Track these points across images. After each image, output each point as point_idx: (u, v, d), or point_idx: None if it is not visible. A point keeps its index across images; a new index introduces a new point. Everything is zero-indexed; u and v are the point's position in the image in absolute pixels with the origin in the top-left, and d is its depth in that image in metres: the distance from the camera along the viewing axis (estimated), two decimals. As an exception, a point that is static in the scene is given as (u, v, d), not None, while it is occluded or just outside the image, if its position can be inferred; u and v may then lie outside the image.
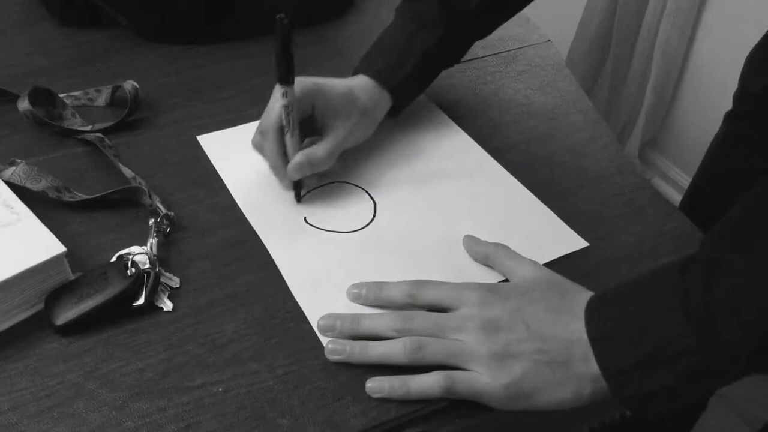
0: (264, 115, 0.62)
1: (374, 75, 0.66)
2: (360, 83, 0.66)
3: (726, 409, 1.26)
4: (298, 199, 0.62)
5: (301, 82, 0.61)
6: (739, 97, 0.84)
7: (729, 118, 0.86)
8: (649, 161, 1.78)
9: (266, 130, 0.61)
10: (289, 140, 0.60)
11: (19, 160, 0.60)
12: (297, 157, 0.60)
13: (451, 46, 0.70)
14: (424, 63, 0.68)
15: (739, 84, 0.84)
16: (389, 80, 0.67)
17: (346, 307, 0.53)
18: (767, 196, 0.45)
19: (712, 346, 0.43)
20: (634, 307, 0.46)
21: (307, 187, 0.64)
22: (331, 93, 0.63)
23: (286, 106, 0.58)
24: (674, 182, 1.70)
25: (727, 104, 0.87)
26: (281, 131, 0.60)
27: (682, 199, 0.97)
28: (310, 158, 0.60)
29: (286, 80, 0.57)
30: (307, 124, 0.63)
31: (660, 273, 0.47)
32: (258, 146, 0.63)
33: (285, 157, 0.61)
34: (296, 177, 0.61)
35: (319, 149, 0.61)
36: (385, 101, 0.67)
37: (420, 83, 0.71)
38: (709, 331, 0.43)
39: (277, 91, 0.58)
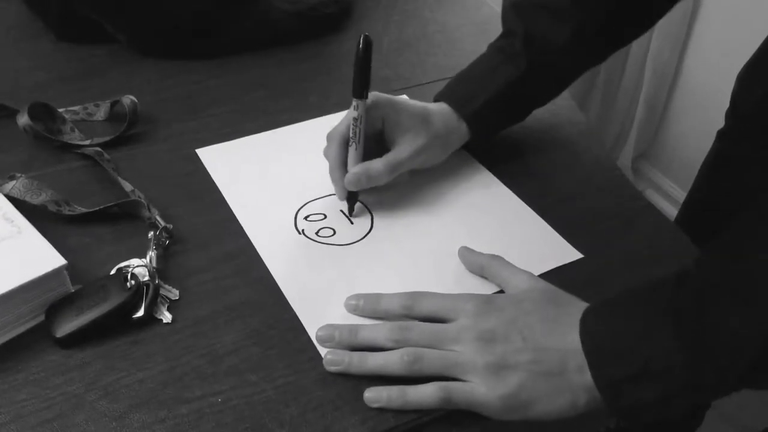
0: (337, 124, 0.63)
1: (451, 102, 0.66)
2: (437, 108, 0.66)
3: (719, 419, 1.26)
4: (350, 212, 0.63)
5: (375, 96, 0.61)
6: (731, 115, 0.85)
7: (721, 135, 0.87)
8: (641, 174, 1.79)
9: (331, 137, 0.63)
10: (352, 152, 0.61)
11: (18, 174, 0.61)
12: (355, 168, 0.61)
13: (538, 82, 0.68)
14: (505, 95, 0.67)
15: (730, 102, 0.85)
16: (465, 108, 0.66)
17: (344, 318, 0.54)
18: (763, 216, 0.46)
19: (703, 364, 0.44)
20: (628, 321, 0.47)
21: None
22: (403, 110, 0.63)
23: (355, 119, 0.59)
24: (667, 194, 1.71)
25: (718, 117, 0.88)
26: (346, 142, 0.61)
27: (677, 216, 0.98)
28: (368, 171, 0.61)
29: (359, 94, 0.59)
30: (379, 139, 0.64)
31: (654, 287, 0.48)
32: (324, 153, 0.64)
33: (345, 168, 0.62)
34: (352, 188, 0.61)
35: (378, 163, 0.61)
36: (462, 130, 0.67)
37: (501, 116, 0.69)
38: (700, 349, 0.44)
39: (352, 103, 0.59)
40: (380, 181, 0.62)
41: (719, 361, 0.43)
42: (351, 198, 0.63)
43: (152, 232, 0.58)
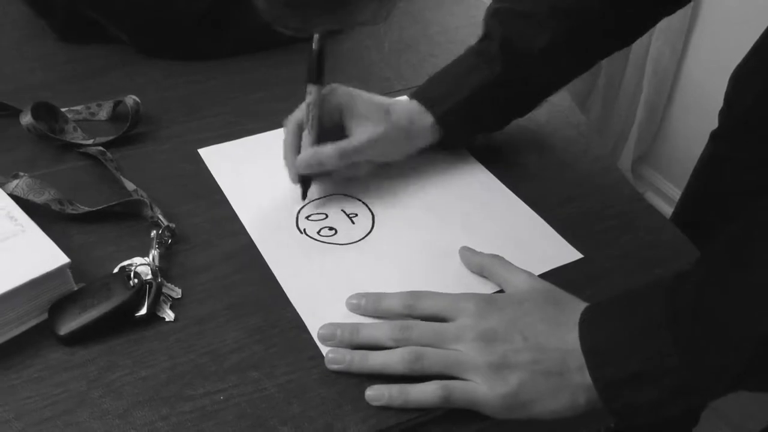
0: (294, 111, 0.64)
1: (422, 100, 0.66)
2: (404, 103, 0.66)
3: (717, 421, 1.27)
4: (303, 196, 0.64)
5: (335, 87, 0.62)
6: (725, 115, 0.86)
7: (714, 136, 0.87)
8: (641, 175, 1.79)
9: (287, 122, 0.64)
10: (306, 136, 0.62)
11: (22, 174, 0.61)
12: (306, 151, 0.62)
13: (512, 88, 0.67)
14: (479, 98, 0.66)
15: (724, 102, 0.85)
16: (437, 107, 0.66)
17: (346, 317, 0.54)
18: (760, 220, 0.46)
19: (699, 367, 0.44)
20: (626, 322, 0.47)
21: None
22: (360, 99, 0.64)
23: (308, 104, 0.60)
24: (666, 196, 1.72)
25: (717, 120, 0.88)
26: (300, 127, 0.62)
27: (671, 215, 0.98)
28: (318, 154, 0.61)
29: (312, 79, 0.60)
30: (339, 131, 0.64)
31: (653, 289, 0.48)
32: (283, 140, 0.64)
33: (298, 152, 0.63)
34: (302, 171, 0.62)
35: (329, 147, 0.62)
36: (429, 127, 0.66)
37: (474, 120, 0.68)
38: (696, 352, 0.44)
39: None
40: (331, 166, 0.62)
41: (716, 363, 0.44)
42: (304, 182, 0.64)
43: (155, 231, 0.58)
